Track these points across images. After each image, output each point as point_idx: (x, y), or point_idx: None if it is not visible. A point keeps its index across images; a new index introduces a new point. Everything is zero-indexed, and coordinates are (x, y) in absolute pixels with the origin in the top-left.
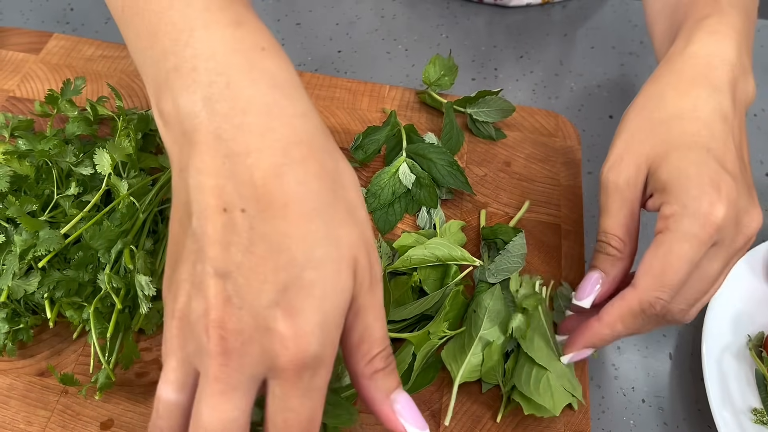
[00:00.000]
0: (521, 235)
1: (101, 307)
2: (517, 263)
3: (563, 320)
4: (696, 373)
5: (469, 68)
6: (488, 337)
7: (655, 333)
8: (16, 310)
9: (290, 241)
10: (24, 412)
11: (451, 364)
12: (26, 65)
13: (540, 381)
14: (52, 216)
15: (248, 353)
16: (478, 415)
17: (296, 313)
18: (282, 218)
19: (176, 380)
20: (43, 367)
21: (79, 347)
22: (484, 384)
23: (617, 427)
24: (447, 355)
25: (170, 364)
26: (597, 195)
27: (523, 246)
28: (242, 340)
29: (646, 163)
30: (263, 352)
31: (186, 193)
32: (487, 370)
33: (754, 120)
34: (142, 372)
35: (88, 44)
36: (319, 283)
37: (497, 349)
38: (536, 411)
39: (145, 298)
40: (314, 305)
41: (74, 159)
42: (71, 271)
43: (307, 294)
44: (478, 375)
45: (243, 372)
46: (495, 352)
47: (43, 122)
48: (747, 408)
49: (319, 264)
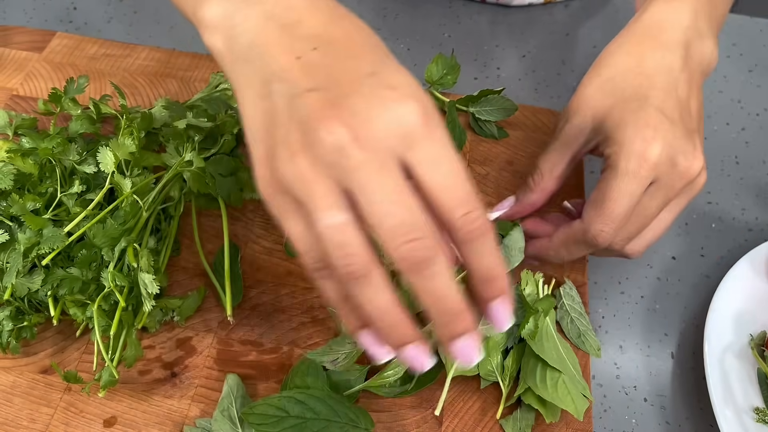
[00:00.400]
0: (518, 229)
1: (104, 305)
2: (517, 256)
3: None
4: (698, 372)
5: (472, 67)
6: (486, 332)
7: (657, 332)
8: (20, 308)
9: (360, 52)
10: (27, 409)
11: (446, 357)
12: (29, 64)
13: (557, 384)
14: (56, 214)
15: (377, 129)
16: (480, 414)
17: (393, 85)
18: (348, 46)
19: (334, 202)
20: (46, 364)
21: (82, 345)
22: (482, 380)
23: (619, 425)
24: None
25: (319, 194)
26: None
27: (520, 239)
28: (366, 123)
29: (592, 117)
30: (389, 122)
31: (254, 73)
32: (484, 367)
33: (756, 119)
34: (145, 370)
35: (91, 43)
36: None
37: (495, 346)
38: (553, 417)
39: (149, 295)
40: (404, 76)
41: (77, 157)
42: (75, 269)
43: (395, 71)
44: (475, 371)
45: (381, 147)
46: (492, 349)
47: (46, 121)
48: (749, 407)
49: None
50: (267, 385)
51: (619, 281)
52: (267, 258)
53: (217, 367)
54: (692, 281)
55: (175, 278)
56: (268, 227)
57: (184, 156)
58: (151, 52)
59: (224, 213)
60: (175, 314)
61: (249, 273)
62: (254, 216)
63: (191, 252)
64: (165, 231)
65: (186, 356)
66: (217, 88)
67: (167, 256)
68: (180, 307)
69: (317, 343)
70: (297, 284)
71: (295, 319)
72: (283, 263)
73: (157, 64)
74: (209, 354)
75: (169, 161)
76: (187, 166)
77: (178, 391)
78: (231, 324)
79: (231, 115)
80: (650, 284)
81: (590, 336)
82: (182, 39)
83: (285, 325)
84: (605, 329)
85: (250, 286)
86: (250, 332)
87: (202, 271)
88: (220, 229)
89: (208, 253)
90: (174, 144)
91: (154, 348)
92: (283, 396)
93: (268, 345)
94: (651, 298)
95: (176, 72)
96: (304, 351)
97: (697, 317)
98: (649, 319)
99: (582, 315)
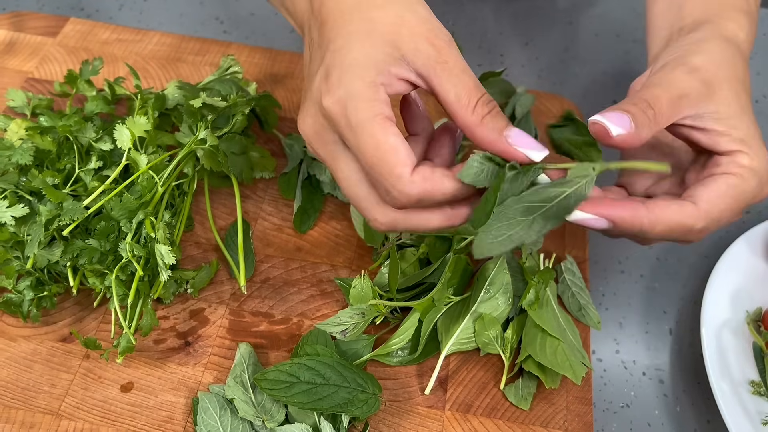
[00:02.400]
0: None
1: (122, 275)
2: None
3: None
4: (696, 348)
5: (476, 54)
6: (483, 309)
7: (656, 310)
8: (40, 278)
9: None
10: (48, 375)
11: (443, 333)
12: (44, 48)
13: (557, 352)
14: (74, 189)
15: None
16: (483, 382)
17: (329, 73)
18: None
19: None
20: (65, 333)
21: (99, 315)
22: (481, 351)
23: (619, 398)
24: (441, 324)
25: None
26: None
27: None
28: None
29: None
30: (323, 117)
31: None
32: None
33: (756, 106)
34: (159, 339)
35: (103, 28)
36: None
37: (492, 321)
38: (553, 384)
39: (165, 266)
40: (339, 61)
41: (94, 135)
42: (93, 241)
43: (336, 55)
44: (473, 345)
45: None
46: (491, 324)
47: (61, 102)
48: (745, 380)
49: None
50: (278, 354)
51: (619, 261)
52: (277, 234)
53: (230, 336)
54: (691, 261)
55: (188, 252)
56: (278, 205)
57: (198, 134)
58: (162, 37)
59: (237, 189)
60: (188, 286)
61: (259, 248)
62: (264, 194)
63: (204, 228)
64: (179, 206)
65: (199, 326)
66: (228, 71)
67: (181, 230)
68: (194, 278)
69: (326, 314)
70: (306, 259)
71: (305, 291)
72: (292, 239)
73: (168, 49)
74: (221, 324)
75: (182, 139)
76: (200, 144)
77: (192, 359)
78: (243, 295)
79: (242, 96)
80: (649, 264)
81: (591, 309)
82: (191, 26)
83: (295, 298)
84: (605, 306)
85: (260, 261)
86: (261, 304)
87: (214, 246)
88: (230, 207)
89: (219, 228)
90: (188, 122)
91: (169, 318)
92: (294, 363)
93: (278, 316)
94: (650, 277)
95: (186, 56)
96: (313, 322)
97: (695, 295)
98: (649, 297)
99: (583, 289)
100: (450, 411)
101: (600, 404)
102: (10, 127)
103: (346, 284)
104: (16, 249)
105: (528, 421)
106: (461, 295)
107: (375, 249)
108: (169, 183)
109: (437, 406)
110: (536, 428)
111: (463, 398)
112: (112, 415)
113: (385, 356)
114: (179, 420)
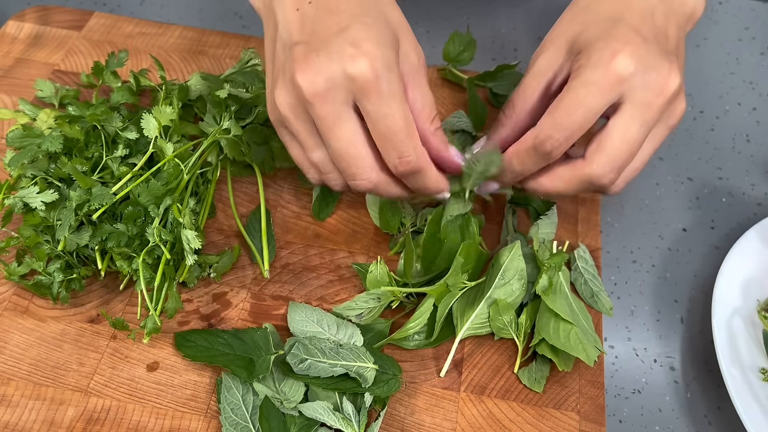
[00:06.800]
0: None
1: (148, 259)
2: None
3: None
4: (706, 336)
5: (490, 49)
6: (497, 294)
7: (667, 299)
8: (69, 261)
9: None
10: (77, 354)
11: (458, 318)
12: (69, 41)
13: (570, 335)
14: (101, 176)
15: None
16: (497, 365)
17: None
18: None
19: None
20: (93, 315)
21: (126, 298)
22: (495, 335)
23: (630, 384)
24: (456, 309)
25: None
26: None
27: (554, 215)
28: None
29: (566, 43)
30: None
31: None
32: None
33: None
34: (184, 321)
35: (127, 22)
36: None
37: (506, 306)
38: (566, 366)
39: (191, 250)
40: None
41: (120, 124)
42: (121, 225)
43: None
44: (487, 330)
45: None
46: (505, 309)
47: (87, 94)
48: (755, 367)
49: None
50: None
51: (631, 251)
52: (296, 221)
53: (251, 319)
54: (702, 251)
55: (211, 239)
56: (297, 193)
57: (222, 124)
58: (184, 31)
59: (259, 178)
60: (211, 270)
61: (279, 235)
62: (284, 183)
63: (226, 215)
64: (203, 194)
65: (222, 309)
66: (248, 63)
67: (205, 217)
68: (216, 263)
69: (344, 299)
70: (325, 246)
71: (323, 277)
72: (311, 226)
73: (190, 42)
74: (243, 307)
75: (206, 129)
76: (224, 133)
77: None
78: (264, 280)
79: (263, 88)
80: (661, 254)
81: (603, 296)
82: (211, 21)
83: (314, 283)
84: (617, 295)
85: (280, 247)
86: (281, 288)
87: (236, 233)
88: (251, 195)
89: (241, 216)
90: (213, 112)
91: (192, 301)
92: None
93: (298, 300)
94: (662, 267)
95: (207, 49)
96: (331, 306)
97: (706, 285)
98: (660, 287)
99: (595, 277)
100: (465, 393)
101: (612, 390)
102: (39, 117)
103: (363, 269)
104: (46, 233)
105: (541, 403)
106: (476, 281)
107: (392, 236)
108: (194, 171)
109: (452, 387)
110: (549, 410)
111: (477, 380)
112: (138, 393)
113: (402, 340)
114: (203, 398)
